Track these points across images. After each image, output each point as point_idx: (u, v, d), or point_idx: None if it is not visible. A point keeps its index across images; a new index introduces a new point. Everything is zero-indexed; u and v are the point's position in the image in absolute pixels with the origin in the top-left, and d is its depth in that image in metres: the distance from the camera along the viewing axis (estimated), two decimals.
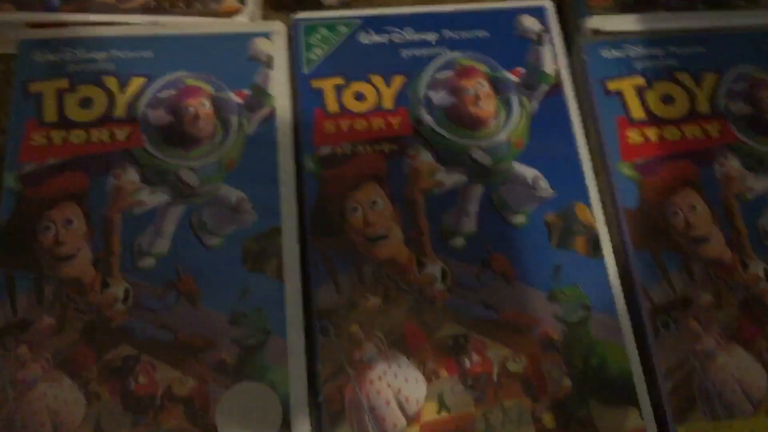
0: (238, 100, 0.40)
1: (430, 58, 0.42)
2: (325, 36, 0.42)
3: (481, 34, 0.43)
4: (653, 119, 0.41)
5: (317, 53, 0.42)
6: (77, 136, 0.39)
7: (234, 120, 0.40)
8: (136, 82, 0.41)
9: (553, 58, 0.42)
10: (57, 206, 0.37)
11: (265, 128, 0.40)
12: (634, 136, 0.40)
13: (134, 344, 0.35)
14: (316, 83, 0.41)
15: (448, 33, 0.43)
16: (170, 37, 0.42)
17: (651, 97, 0.42)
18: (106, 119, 0.40)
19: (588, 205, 0.39)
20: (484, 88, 0.41)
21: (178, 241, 0.37)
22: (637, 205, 0.39)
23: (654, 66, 0.43)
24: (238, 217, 0.38)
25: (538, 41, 0.43)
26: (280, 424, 0.34)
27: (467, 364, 0.35)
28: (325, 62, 0.42)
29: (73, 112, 0.40)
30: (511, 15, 0.44)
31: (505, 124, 0.41)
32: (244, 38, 0.42)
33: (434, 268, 0.37)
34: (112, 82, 0.41)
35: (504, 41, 0.43)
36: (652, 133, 0.40)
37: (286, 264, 0.37)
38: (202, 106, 0.40)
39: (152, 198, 0.38)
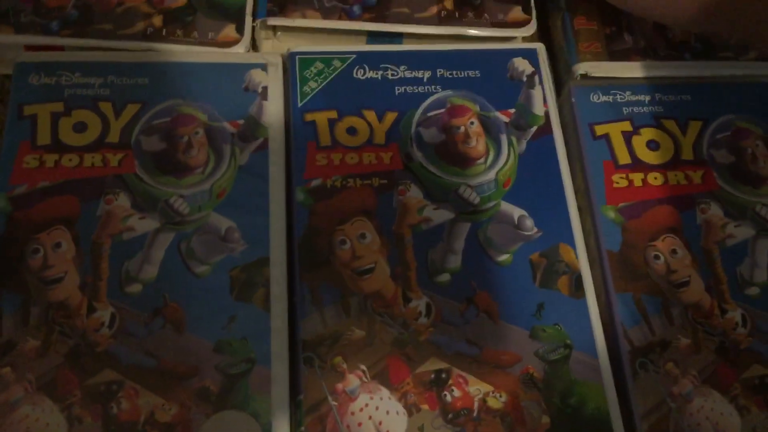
0: (231, 129, 0.42)
1: (423, 96, 0.45)
2: (320, 70, 0.45)
3: (474, 74, 0.45)
4: (638, 164, 0.43)
5: (311, 86, 0.44)
6: (70, 159, 0.41)
7: (227, 149, 0.42)
8: (131, 109, 0.42)
9: (543, 101, 0.45)
10: (46, 229, 0.39)
11: (257, 159, 0.42)
12: (619, 180, 0.43)
13: (118, 369, 0.36)
14: (310, 116, 0.43)
15: (441, 71, 0.45)
16: (167, 64, 0.44)
17: (637, 143, 0.44)
18: (100, 144, 0.41)
19: (572, 246, 0.41)
20: (475, 126, 0.44)
21: (166, 268, 0.39)
22: (620, 248, 0.41)
23: (641, 112, 0.45)
24: (227, 246, 0.39)
25: (529, 83, 0.45)
26: None
27: (448, 398, 0.37)
28: (319, 95, 0.44)
29: (67, 136, 0.41)
30: (504, 57, 0.46)
31: (494, 163, 0.43)
32: (240, 69, 0.44)
33: (419, 303, 0.39)
34: (107, 108, 0.42)
35: (496, 82, 0.45)
36: (636, 177, 0.43)
37: (273, 294, 0.38)
38: (195, 134, 0.42)
39: (142, 224, 0.40)
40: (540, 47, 0.47)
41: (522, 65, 0.46)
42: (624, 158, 0.44)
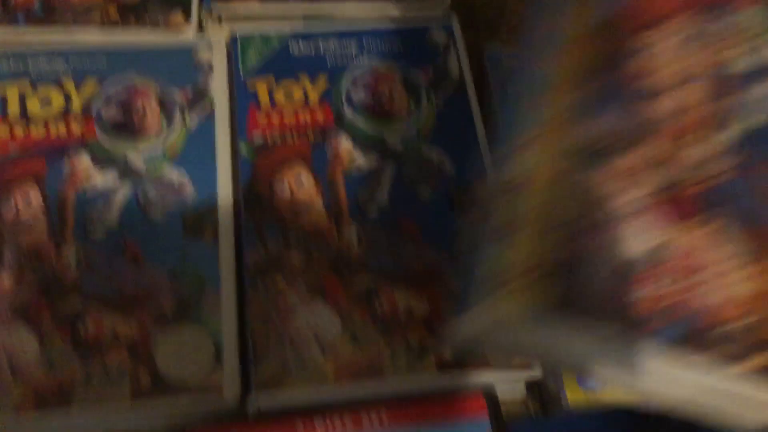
0: (181, 98, 0.50)
1: (351, 65, 0.53)
2: (260, 46, 0.53)
3: (397, 45, 0.54)
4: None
5: (252, 60, 0.52)
6: (37, 129, 0.48)
7: (177, 115, 0.49)
8: (91, 83, 0.50)
9: (458, 64, 0.53)
10: (18, 186, 0.46)
11: (205, 122, 0.49)
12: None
13: (84, 298, 0.43)
14: (251, 83, 0.51)
15: (367, 44, 0.54)
16: (122, 46, 0.52)
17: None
18: (64, 115, 0.49)
19: None
20: (398, 87, 0.52)
21: (125, 215, 0.46)
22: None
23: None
24: (180, 195, 0.47)
25: (445, 50, 0.54)
26: (212, 360, 0.42)
27: (378, 308, 0.43)
28: (259, 67, 0.52)
29: (34, 110, 0.49)
30: (422, 32, 0.55)
31: (416, 117, 0.51)
32: (189, 48, 0.52)
33: (351, 233, 0.46)
34: (68, 84, 0.50)
35: (415, 51, 0.54)
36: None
37: (221, 231, 0.45)
38: (149, 104, 0.50)
39: (103, 179, 0.47)
40: (454, 19, 0.55)
41: (438, 36, 0.54)
42: None
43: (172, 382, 0.41)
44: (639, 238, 0.30)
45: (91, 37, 0.52)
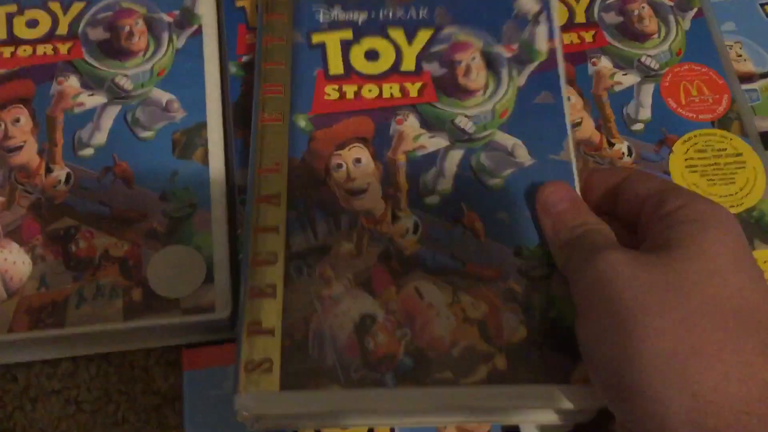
0: (169, 19, 0.49)
1: None
2: None
3: None
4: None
5: None
6: (24, 50, 0.48)
7: (164, 36, 0.49)
8: (77, 6, 0.49)
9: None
10: (6, 108, 0.46)
11: (193, 42, 0.49)
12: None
13: (75, 217, 0.43)
14: (240, 2, 0.50)
15: None
16: None
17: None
18: (50, 36, 0.48)
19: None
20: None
21: (114, 135, 0.45)
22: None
23: None
24: (168, 115, 0.46)
25: None
26: (203, 278, 0.42)
27: None
28: None
29: (21, 31, 0.48)
30: None
31: None
32: None
33: None
34: (55, 6, 0.49)
35: None
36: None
37: (210, 151, 0.45)
38: (136, 24, 0.49)
39: (91, 100, 0.46)
40: None
41: None
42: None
43: (165, 301, 0.42)
44: (358, 304, 0.38)
45: None
